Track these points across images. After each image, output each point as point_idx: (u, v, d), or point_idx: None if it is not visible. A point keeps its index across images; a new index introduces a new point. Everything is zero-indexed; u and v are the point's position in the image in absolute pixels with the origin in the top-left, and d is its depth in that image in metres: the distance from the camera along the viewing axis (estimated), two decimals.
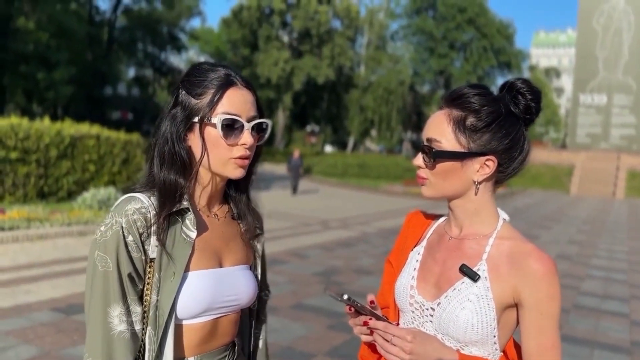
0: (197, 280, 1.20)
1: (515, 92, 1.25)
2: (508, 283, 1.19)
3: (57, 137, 11.87)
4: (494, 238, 1.25)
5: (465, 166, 1.23)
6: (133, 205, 1.17)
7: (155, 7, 45.07)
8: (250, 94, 1.26)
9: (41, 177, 11.63)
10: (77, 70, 33.63)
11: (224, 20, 48.94)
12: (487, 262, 1.22)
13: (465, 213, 1.28)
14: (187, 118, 1.22)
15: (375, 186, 25.27)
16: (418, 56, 52.74)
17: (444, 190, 1.26)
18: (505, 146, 1.23)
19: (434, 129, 1.25)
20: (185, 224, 1.22)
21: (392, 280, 1.44)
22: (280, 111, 47.56)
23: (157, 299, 1.16)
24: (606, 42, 36.03)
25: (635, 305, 6.64)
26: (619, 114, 36.02)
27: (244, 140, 1.23)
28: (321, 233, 10.89)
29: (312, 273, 7.21)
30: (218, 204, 1.35)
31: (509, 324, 1.22)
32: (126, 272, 1.15)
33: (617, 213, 20.06)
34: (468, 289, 1.20)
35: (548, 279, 1.16)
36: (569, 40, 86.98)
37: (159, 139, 1.24)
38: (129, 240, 1.15)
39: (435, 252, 1.33)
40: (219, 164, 1.24)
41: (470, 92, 1.23)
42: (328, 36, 45.78)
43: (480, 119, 1.21)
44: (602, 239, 12.62)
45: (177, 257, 1.18)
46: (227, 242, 1.31)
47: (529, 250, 1.20)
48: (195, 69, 1.27)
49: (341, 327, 4.98)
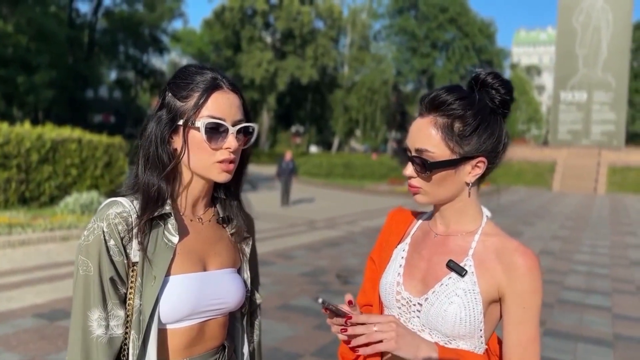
0: (180, 284, 1.19)
1: (489, 89, 1.26)
2: (494, 278, 1.21)
3: (38, 142, 11.71)
4: (479, 234, 1.28)
5: (458, 171, 1.25)
6: (115, 209, 1.17)
7: (137, 9, 44.77)
8: (237, 98, 1.26)
9: (22, 182, 11.47)
10: (58, 74, 33.27)
11: (206, 21, 48.77)
12: (474, 258, 1.25)
13: (453, 212, 1.30)
14: (172, 120, 1.22)
15: (360, 186, 25.35)
16: (401, 56, 53.07)
17: (439, 196, 1.28)
18: (492, 145, 1.25)
19: (423, 139, 1.25)
20: (167, 228, 1.21)
21: (375, 278, 1.45)
22: (264, 112, 47.49)
23: (140, 303, 1.16)
24: (585, 40, 36.53)
25: (618, 299, 6.74)
26: (599, 110, 36.54)
27: (228, 144, 1.22)
28: (307, 233, 10.89)
29: (299, 274, 7.21)
30: (204, 208, 1.34)
31: (493, 319, 1.25)
32: (108, 276, 1.15)
33: (599, 208, 20.34)
34: (455, 283, 1.22)
35: (531, 273, 1.19)
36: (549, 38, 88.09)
37: (144, 142, 1.24)
38: (110, 245, 1.15)
39: (420, 249, 1.35)
40: (202, 168, 1.24)
41: (450, 98, 1.24)
42: (311, 37, 45.83)
43: (467, 124, 1.22)
44: (585, 235, 12.79)
45: (158, 261, 1.18)
46: (213, 245, 1.31)
47: (515, 247, 1.23)
48: (182, 72, 1.26)
49: (328, 327, 4.95)
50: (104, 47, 44.30)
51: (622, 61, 36.08)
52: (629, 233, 13.41)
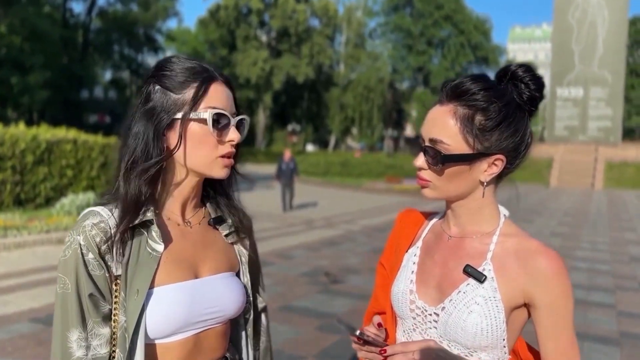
0: (168, 295, 1.11)
1: (518, 82, 1.17)
2: (516, 283, 1.13)
3: (33, 143, 11.60)
4: (497, 235, 1.19)
5: (473, 167, 1.15)
6: (91, 220, 1.09)
7: (131, 8, 44.55)
8: (229, 90, 1.18)
9: (17, 183, 11.36)
10: (52, 74, 33.10)
11: (200, 20, 48.64)
12: (493, 262, 1.16)
13: (467, 212, 1.22)
14: (168, 114, 1.12)
15: (358, 184, 25.28)
16: (396, 53, 53.03)
17: (448, 193, 1.19)
18: (514, 144, 1.16)
19: (438, 129, 1.15)
20: (150, 236, 1.12)
21: (387, 284, 1.36)
22: (260, 111, 47.40)
23: (124, 319, 1.08)
24: (581, 36, 36.55)
25: (621, 296, 6.69)
26: (596, 106, 36.58)
27: (231, 137, 1.14)
28: (306, 233, 10.82)
29: (299, 274, 7.13)
30: (193, 210, 1.25)
31: (517, 325, 1.17)
32: (87, 293, 1.06)
33: (597, 204, 20.33)
34: (474, 290, 1.14)
35: (559, 277, 1.11)
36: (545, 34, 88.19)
37: (131, 141, 1.13)
38: (88, 258, 1.06)
39: (433, 253, 1.26)
40: (204, 164, 1.15)
41: (475, 87, 1.14)
42: (307, 35, 45.75)
43: (490, 118, 1.13)
44: (584, 231, 12.75)
45: (141, 273, 1.09)
46: (205, 250, 1.21)
47: (536, 248, 1.15)
48: (169, 62, 1.16)
49: (330, 328, 4.91)
50: (98, 47, 44.08)
51: (618, 57, 36.13)
52: (628, 229, 13.38)
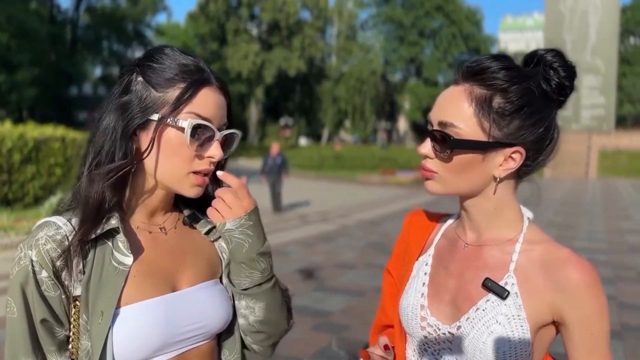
0: (139, 314, 0.94)
1: (547, 67, 1.01)
2: (543, 298, 0.96)
3: (20, 141, 11.34)
4: (521, 243, 1.02)
5: (487, 159, 0.99)
6: (45, 232, 0.92)
7: (119, 3, 43.99)
8: (224, 98, 1.01)
9: (4, 183, 11.12)
10: (41, 71, 32.66)
11: (190, 14, 48.20)
12: (516, 274, 0.99)
13: (482, 214, 1.05)
14: (143, 112, 0.95)
15: (352, 177, 25.13)
16: (388, 45, 52.80)
17: (456, 187, 1.02)
18: (537, 136, 0.99)
19: (451, 111, 0.98)
20: (116, 248, 0.96)
21: (395, 293, 1.19)
22: (252, 105, 47.10)
23: (89, 344, 0.91)
24: (573, 24, 36.45)
25: (621, 287, 6.58)
26: (589, 95, 36.54)
27: (212, 152, 0.98)
28: (300, 228, 10.66)
29: (294, 270, 6.98)
30: (164, 214, 1.08)
31: (543, 346, 1.01)
32: (39, 318, 0.90)
33: (592, 193, 20.29)
34: (495, 308, 0.97)
35: (593, 291, 0.95)
36: (536, 23, 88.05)
37: (97, 137, 0.97)
38: (42, 277, 0.90)
39: (447, 263, 1.09)
40: (173, 177, 0.98)
41: (495, 65, 0.98)
42: (297, 27, 45.40)
43: (510, 101, 0.97)
44: (581, 220, 12.67)
45: (106, 291, 0.93)
46: (183, 257, 1.05)
47: (566, 257, 0.98)
48: (160, 53, 0.99)
49: (327, 328, 4.77)
50: (87, 43, 43.53)
51: (610, 45, 36.06)
52: (624, 217, 13.31)
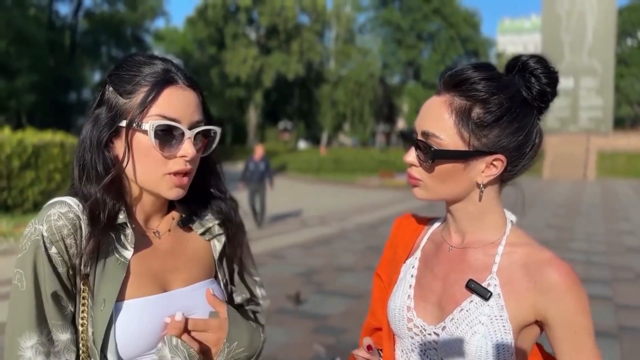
0: (136, 310, 0.97)
1: (529, 74, 1.05)
2: (526, 299, 1.00)
3: (19, 147, 11.38)
4: (503, 245, 1.06)
5: (468, 167, 1.02)
6: (58, 209, 0.94)
7: (118, 9, 44.09)
8: (195, 95, 1.03)
9: (4, 189, 11.15)
10: (40, 77, 32.76)
11: (189, 19, 48.25)
12: (498, 275, 1.03)
13: (467, 217, 1.09)
14: (112, 121, 0.99)
15: (351, 180, 25.17)
16: (387, 48, 52.92)
17: (440, 194, 1.06)
18: (516, 143, 1.02)
19: (432, 121, 1.03)
20: (120, 241, 0.99)
21: (384, 297, 1.23)
22: (251, 109, 47.12)
23: (92, 330, 0.94)
24: (570, 26, 36.56)
25: (618, 288, 6.61)
26: (586, 96, 36.60)
27: (183, 152, 0.99)
28: (299, 231, 10.69)
29: (292, 274, 7.01)
30: (160, 217, 1.11)
31: (526, 346, 1.04)
32: (50, 291, 0.92)
33: (591, 195, 20.32)
34: (478, 309, 1.01)
35: (573, 291, 0.99)
36: (534, 26, 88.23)
37: (78, 146, 1.02)
38: (52, 252, 0.92)
39: (433, 265, 1.13)
40: (150, 181, 1.01)
41: (475, 76, 1.01)
42: (296, 31, 45.48)
43: (489, 112, 1.00)
44: (579, 222, 12.70)
45: (108, 281, 0.96)
46: (175, 260, 1.09)
47: (547, 259, 1.02)
48: (126, 62, 1.03)
49: (326, 331, 4.80)
50: (85, 48, 43.60)
51: (607, 46, 36.14)
52: (622, 219, 13.35)
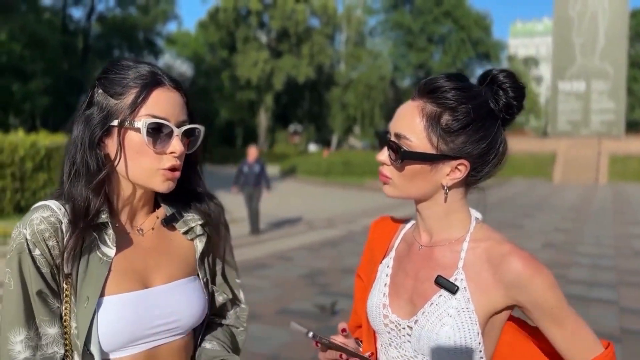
0: (116, 306, 1.04)
1: (497, 87, 1.12)
2: (494, 291, 1.08)
3: (32, 149, 11.59)
4: (467, 242, 1.13)
5: (435, 169, 1.10)
6: (40, 213, 1.02)
7: (130, 12, 44.58)
8: (180, 96, 1.11)
9: (17, 191, 11.35)
10: (53, 80, 33.25)
11: (200, 23, 48.66)
12: (464, 270, 1.10)
13: (434, 217, 1.16)
14: (104, 121, 1.06)
15: (360, 183, 25.19)
16: (397, 51, 52.89)
17: (408, 192, 1.14)
18: (480, 150, 1.10)
19: (404, 124, 1.11)
20: (102, 240, 1.06)
21: (365, 297, 1.31)
22: (262, 112, 47.36)
23: (75, 325, 1.02)
24: (582, 28, 36.33)
25: (624, 292, 6.61)
26: (598, 99, 36.34)
27: (172, 148, 1.07)
28: (306, 234, 10.77)
29: (298, 275, 7.08)
30: (145, 215, 1.18)
31: (495, 333, 1.11)
32: (35, 289, 1.00)
33: (601, 199, 20.18)
34: (447, 302, 1.08)
35: (537, 274, 1.06)
36: (546, 29, 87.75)
37: (69, 145, 1.09)
38: (35, 254, 1.00)
39: (405, 264, 1.20)
40: (143, 176, 1.08)
41: (447, 85, 1.09)
42: (306, 35, 45.65)
43: (456, 119, 1.07)
44: (588, 226, 12.65)
45: (91, 278, 1.03)
46: (158, 257, 1.15)
47: (508, 251, 1.09)
48: (115, 65, 1.10)
49: (329, 332, 4.84)
50: (98, 52, 44.12)
51: (619, 49, 35.88)
52: (633, 223, 13.27)
